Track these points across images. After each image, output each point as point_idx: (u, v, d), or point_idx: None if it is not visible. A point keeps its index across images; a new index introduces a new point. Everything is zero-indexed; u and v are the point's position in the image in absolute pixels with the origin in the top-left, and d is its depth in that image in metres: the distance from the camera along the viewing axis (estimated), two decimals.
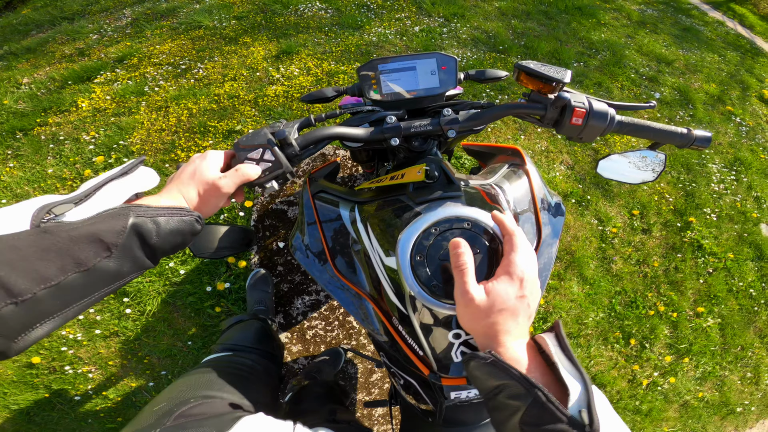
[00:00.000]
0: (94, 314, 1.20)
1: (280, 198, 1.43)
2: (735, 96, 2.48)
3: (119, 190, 0.37)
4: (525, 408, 0.29)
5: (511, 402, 0.31)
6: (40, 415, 1.11)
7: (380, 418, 1.22)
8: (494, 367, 0.33)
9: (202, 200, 0.41)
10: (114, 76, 1.76)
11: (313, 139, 0.48)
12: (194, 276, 1.25)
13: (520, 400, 0.30)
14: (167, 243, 0.36)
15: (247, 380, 0.60)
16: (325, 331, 1.27)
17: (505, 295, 0.36)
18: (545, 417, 0.28)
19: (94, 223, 0.31)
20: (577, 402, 0.29)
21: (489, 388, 0.33)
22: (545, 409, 0.28)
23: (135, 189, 0.38)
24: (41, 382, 1.13)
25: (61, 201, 0.33)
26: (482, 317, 0.36)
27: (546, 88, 0.50)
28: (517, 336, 0.36)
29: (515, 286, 0.37)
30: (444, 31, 2.16)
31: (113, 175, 0.38)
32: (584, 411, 0.28)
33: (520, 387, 0.30)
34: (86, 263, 0.30)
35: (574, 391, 0.29)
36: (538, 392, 0.29)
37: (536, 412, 0.29)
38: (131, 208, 0.34)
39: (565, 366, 0.32)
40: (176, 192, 0.40)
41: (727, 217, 1.87)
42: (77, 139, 1.54)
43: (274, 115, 1.63)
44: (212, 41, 1.95)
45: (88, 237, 0.31)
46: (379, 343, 0.56)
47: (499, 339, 0.35)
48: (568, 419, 0.28)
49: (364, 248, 0.55)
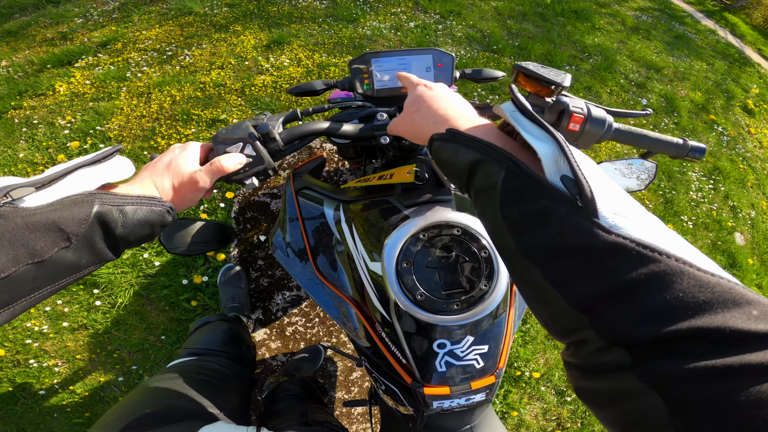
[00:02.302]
0: (61, 306, 1.16)
1: (262, 190, 1.40)
2: (719, 105, 2.54)
3: (89, 178, 0.34)
4: (500, 185, 0.25)
5: (488, 182, 0.26)
6: (3, 408, 1.07)
7: (359, 416, 1.22)
8: (455, 142, 0.29)
9: (177, 193, 0.38)
10: (96, 61, 1.70)
11: (299, 134, 0.46)
12: (170, 268, 1.22)
13: (494, 176, 0.25)
14: (133, 234, 0.34)
15: (212, 385, 0.58)
16: (305, 328, 1.26)
17: (432, 90, 0.38)
18: (525, 191, 0.23)
19: (54, 210, 0.29)
20: (553, 166, 0.23)
21: (462, 173, 0.29)
22: (520, 180, 0.23)
23: (107, 178, 0.35)
24: (4, 375, 1.09)
25: (22, 184, 0.29)
26: (427, 109, 0.36)
27: (544, 90, 0.48)
28: (471, 119, 0.33)
29: (430, 87, 0.38)
30: (439, 28, 2.14)
31: (85, 161, 0.34)
32: (569, 179, 0.22)
33: (490, 161, 0.26)
34: (42, 254, 0.27)
35: (545, 153, 0.24)
36: (509, 161, 0.24)
37: (512, 186, 0.24)
38: (96, 195, 0.31)
39: (527, 128, 0.26)
40: (149, 181, 0.37)
41: (702, 225, 1.92)
42: (52, 123, 1.48)
43: (261, 105, 1.59)
44: (202, 28, 1.90)
45: (47, 225, 0.28)
46: (361, 348, 0.55)
47: (452, 122, 0.32)
48: (549, 189, 0.22)
49: (348, 250, 0.53)
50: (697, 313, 0.16)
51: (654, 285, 0.17)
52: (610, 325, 0.19)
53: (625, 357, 0.18)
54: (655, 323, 0.17)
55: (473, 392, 0.47)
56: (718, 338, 0.16)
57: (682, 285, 0.17)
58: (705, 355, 0.16)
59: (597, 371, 0.20)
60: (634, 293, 0.18)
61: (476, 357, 0.47)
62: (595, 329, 0.19)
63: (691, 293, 0.17)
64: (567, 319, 0.21)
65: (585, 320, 0.20)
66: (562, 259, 0.21)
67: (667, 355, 0.17)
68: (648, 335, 0.17)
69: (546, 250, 0.22)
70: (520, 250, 0.23)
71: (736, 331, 0.16)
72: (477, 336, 0.47)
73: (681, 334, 0.16)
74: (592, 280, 0.20)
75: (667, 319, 0.17)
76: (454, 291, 0.45)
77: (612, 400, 0.20)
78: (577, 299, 0.20)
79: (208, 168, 0.39)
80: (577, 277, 0.20)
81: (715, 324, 0.16)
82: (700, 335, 0.16)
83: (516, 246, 0.23)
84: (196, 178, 0.39)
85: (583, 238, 0.20)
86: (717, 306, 0.16)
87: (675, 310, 0.17)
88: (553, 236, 0.21)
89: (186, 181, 0.38)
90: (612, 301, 0.19)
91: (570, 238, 0.21)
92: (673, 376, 0.16)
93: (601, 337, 0.19)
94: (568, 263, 0.21)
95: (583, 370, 0.22)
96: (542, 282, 0.22)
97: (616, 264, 0.19)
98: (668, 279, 0.17)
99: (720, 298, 0.16)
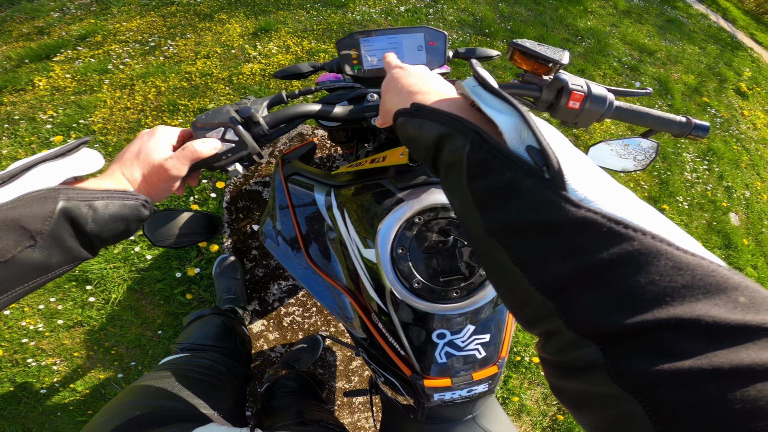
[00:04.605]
0: (55, 303, 1.14)
1: (254, 178, 1.37)
2: (712, 88, 2.54)
3: (54, 173, 0.32)
4: (465, 159, 0.23)
5: (455, 156, 0.24)
6: (7, 409, 1.06)
7: (360, 405, 1.22)
8: (420, 116, 0.28)
9: (149, 183, 0.36)
10: (75, 54, 1.64)
11: (284, 117, 0.43)
12: (162, 261, 1.20)
13: (460, 150, 0.23)
14: (107, 230, 0.32)
15: (205, 383, 0.57)
16: (303, 318, 1.25)
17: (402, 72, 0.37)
18: (490, 164, 0.21)
19: (14, 207, 0.27)
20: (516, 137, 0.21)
21: (428, 148, 0.27)
22: (485, 152, 0.22)
23: (74, 172, 0.33)
24: (4, 375, 1.08)
25: None
26: (395, 88, 0.35)
27: (541, 69, 0.47)
28: (440, 93, 0.32)
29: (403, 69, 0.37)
30: (430, 12, 2.10)
31: (48, 155, 0.32)
32: (534, 150, 0.20)
33: (456, 134, 0.24)
34: (4, 254, 0.26)
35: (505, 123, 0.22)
36: (473, 133, 0.23)
37: (477, 158, 0.22)
38: (61, 191, 0.29)
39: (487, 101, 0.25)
40: (118, 173, 0.35)
41: (698, 206, 1.94)
42: (33, 118, 1.43)
43: (249, 93, 1.55)
44: (185, 18, 1.84)
45: (7, 223, 0.27)
46: (357, 339, 0.54)
47: (417, 97, 0.32)
48: (513, 160, 0.20)
49: (340, 236, 0.52)
50: (676, 299, 0.14)
51: (627, 266, 0.15)
52: (579, 313, 0.17)
53: (596, 353, 0.16)
54: (627, 311, 0.15)
55: (475, 383, 0.45)
56: (700, 330, 0.14)
57: (658, 266, 0.15)
58: (686, 352, 0.13)
59: (569, 368, 0.18)
60: (605, 276, 0.16)
61: (477, 347, 0.46)
62: (562, 318, 0.17)
63: (669, 276, 0.15)
64: (534, 305, 0.19)
65: (552, 307, 0.18)
66: (528, 237, 0.19)
67: (643, 351, 0.14)
68: (619, 325, 0.15)
69: (511, 227, 0.20)
70: (486, 228, 0.21)
71: (721, 323, 0.13)
72: (478, 325, 0.45)
73: (657, 324, 0.14)
74: (559, 260, 0.18)
75: (641, 306, 0.15)
76: (452, 278, 0.43)
77: (588, 402, 0.17)
78: (544, 283, 0.18)
79: (180, 154, 0.37)
80: (543, 258, 0.18)
81: (696, 313, 0.14)
82: (679, 326, 0.14)
83: (483, 224, 0.22)
84: (168, 166, 0.36)
85: (550, 212, 0.18)
86: (698, 291, 0.14)
87: (650, 296, 0.15)
88: (519, 211, 0.19)
89: (156, 170, 0.36)
90: (580, 285, 0.17)
91: (536, 213, 0.19)
92: (652, 378, 0.14)
93: (570, 327, 0.17)
94: (535, 242, 0.19)
95: (556, 367, 0.19)
96: (508, 264, 0.20)
97: (585, 241, 0.17)
98: (643, 259, 0.15)
99: (701, 282, 0.14)
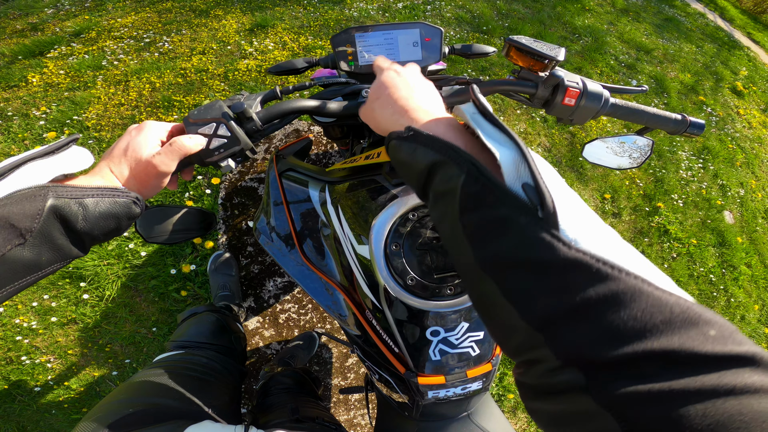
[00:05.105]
0: (48, 300, 1.13)
1: (249, 175, 1.37)
2: (708, 87, 2.55)
3: (43, 171, 0.31)
4: (459, 189, 0.23)
5: (447, 186, 0.24)
6: (1, 407, 1.06)
7: (357, 402, 1.23)
8: (415, 141, 0.27)
9: (138, 180, 0.36)
10: (69, 51, 1.63)
11: (278, 112, 0.43)
12: (157, 258, 1.19)
13: (454, 180, 0.24)
14: (98, 228, 0.32)
15: (200, 381, 0.57)
16: (299, 315, 1.25)
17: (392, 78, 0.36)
18: (484, 197, 0.22)
19: (3, 205, 0.27)
20: (513, 173, 0.22)
21: (420, 175, 0.27)
22: (480, 185, 0.22)
23: (63, 170, 0.33)
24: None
25: None
26: (387, 98, 0.34)
27: (537, 65, 0.46)
28: (432, 112, 0.31)
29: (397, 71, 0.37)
30: (428, 9, 2.09)
31: (36, 153, 0.32)
32: (530, 187, 0.21)
33: (450, 163, 0.24)
34: None
35: (505, 157, 0.23)
36: (470, 164, 0.23)
37: (472, 191, 0.22)
38: (50, 188, 0.29)
39: (486, 130, 0.25)
40: (107, 170, 0.35)
41: (692, 204, 1.95)
42: (27, 114, 1.42)
43: (245, 89, 1.54)
44: (181, 14, 1.82)
45: None
46: (352, 336, 0.54)
47: (411, 115, 0.31)
48: (509, 196, 0.21)
49: (335, 233, 0.51)
50: (654, 334, 0.16)
51: (612, 304, 0.17)
52: (567, 345, 0.18)
53: (580, 378, 0.18)
54: (612, 344, 0.17)
55: (469, 381, 0.46)
56: (676, 360, 0.16)
57: (640, 305, 0.17)
58: (661, 377, 0.15)
59: (550, 392, 0.20)
60: (592, 312, 0.18)
61: (471, 344, 0.46)
62: (551, 348, 0.19)
63: (649, 313, 0.17)
64: (522, 336, 0.20)
65: (541, 339, 0.19)
66: (520, 273, 0.20)
67: (624, 376, 0.16)
68: (605, 356, 0.17)
69: (504, 262, 0.21)
70: (478, 260, 0.22)
71: (693, 353, 0.16)
72: (472, 322, 0.45)
73: (638, 355, 0.16)
74: (549, 296, 0.19)
75: (625, 340, 0.16)
76: (446, 275, 0.43)
77: (565, 421, 0.19)
78: (534, 316, 0.20)
79: (168, 149, 0.36)
80: (534, 293, 0.20)
81: (672, 346, 0.16)
82: (657, 357, 0.16)
83: (474, 256, 0.22)
84: (156, 162, 0.36)
85: (542, 251, 0.19)
86: (674, 326, 0.16)
87: (633, 332, 0.17)
88: (512, 248, 0.20)
89: (144, 167, 0.36)
90: (569, 320, 0.18)
91: (529, 251, 0.20)
92: (629, 398, 0.16)
93: (557, 357, 0.19)
94: (526, 277, 0.20)
95: (536, 391, 0.21)
96: (498, 297, 0.21)
97: (575, 280, 0.18)
98: (627, 298, 0.17)
99: (677, 319, 0.16)
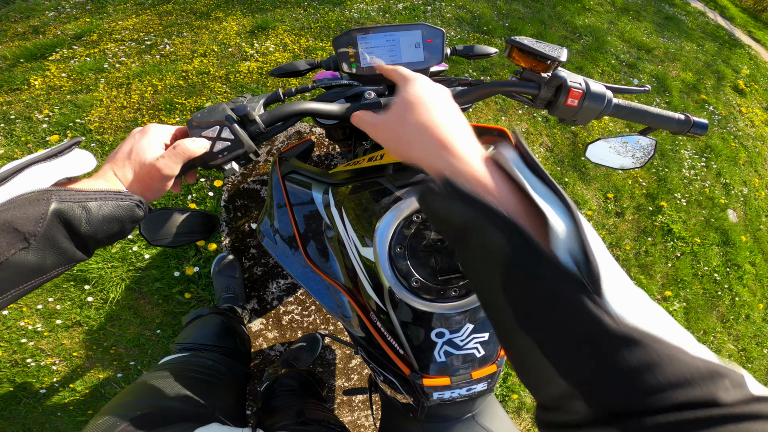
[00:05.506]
0: (53, 303, 1.14)
1: (252, 177, 1.37)
2: (710, 85, 2.54)
3: (46, 174, 0.31)
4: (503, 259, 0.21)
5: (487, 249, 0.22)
6: (7, 409, 1.06)
7: (360, 403, 1.23)
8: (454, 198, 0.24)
9: (141, 183, 0.36)
10: (71, 53, 1.63)
11: (281, 115, 0.43)
12: (160, 260, 1.20)
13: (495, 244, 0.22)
14: (101, 232, 0.32)
15: (206, 383, 0.57)
16: (302, 317, 1.25)
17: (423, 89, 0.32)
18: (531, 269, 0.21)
19: (6, 210, 0.27)
20: (563, 240, 0.20)
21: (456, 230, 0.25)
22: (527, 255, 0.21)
23: (66, 173, 0.33)
24: (4, 375, 1.08)
25: None
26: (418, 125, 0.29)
27: (540, 66, 0.47)
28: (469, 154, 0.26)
29: None
30: (428, 10, 2.09)
31: (39, 156, 0.32)
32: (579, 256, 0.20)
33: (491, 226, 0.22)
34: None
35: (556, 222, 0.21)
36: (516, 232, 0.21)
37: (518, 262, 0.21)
38: (53, 192, 0.29)
39: (534, 186, 0.23)
40: (111, 173, 0.35)
41: (696, 203, 1.95)
42: (29, 117, 1.43)
43: (247, 91, 1.55)
44: (181, 16, 1.83)
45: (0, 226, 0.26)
46: (356, 338, 0.54)
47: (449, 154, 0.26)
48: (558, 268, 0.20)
49: (338, 235, 0.51)
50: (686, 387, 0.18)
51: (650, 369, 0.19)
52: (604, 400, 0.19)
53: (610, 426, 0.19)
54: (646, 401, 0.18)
55: (474, 382, 0.46)
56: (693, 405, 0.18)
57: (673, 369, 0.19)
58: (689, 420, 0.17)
59: (573, 429, 0.21)
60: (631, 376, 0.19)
61: (476, 345, 0.46)
62: (586, 402, 0.20)
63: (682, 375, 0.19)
64: (558, 389, 0.21)
65: (576, 393, 0.20)
66: (563, 340, 0.21)
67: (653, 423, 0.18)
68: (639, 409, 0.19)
69: (547, 329, 0.21)
70: (519, 323, 0.22)
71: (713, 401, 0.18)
72: (477, 323, 0.45)
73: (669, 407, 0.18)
74: (590, 361, 0.20)
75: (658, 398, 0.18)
76: (451, 276, 0.43)
77: None
78: (574, 376, 0.21)
79: (171, 152, 0.36)
80: (576, 358, 0.20)
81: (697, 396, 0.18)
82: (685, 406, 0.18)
83: (514, 318, 0.23)
84: (159, 165, 0.35)
85: (590, 326, 0.20)
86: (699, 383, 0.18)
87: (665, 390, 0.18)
88: (557, 318, 0.21)
89: (148, 170, 0.35)
90: (609, 381, 0.19)
91: (575, 324, 0.20)
92: None
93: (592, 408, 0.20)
94: (569, 344, 0.21)
95: (559, 427, 0.22)
96: (536, 353, 0.22)
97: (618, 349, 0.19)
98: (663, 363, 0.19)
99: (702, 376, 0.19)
